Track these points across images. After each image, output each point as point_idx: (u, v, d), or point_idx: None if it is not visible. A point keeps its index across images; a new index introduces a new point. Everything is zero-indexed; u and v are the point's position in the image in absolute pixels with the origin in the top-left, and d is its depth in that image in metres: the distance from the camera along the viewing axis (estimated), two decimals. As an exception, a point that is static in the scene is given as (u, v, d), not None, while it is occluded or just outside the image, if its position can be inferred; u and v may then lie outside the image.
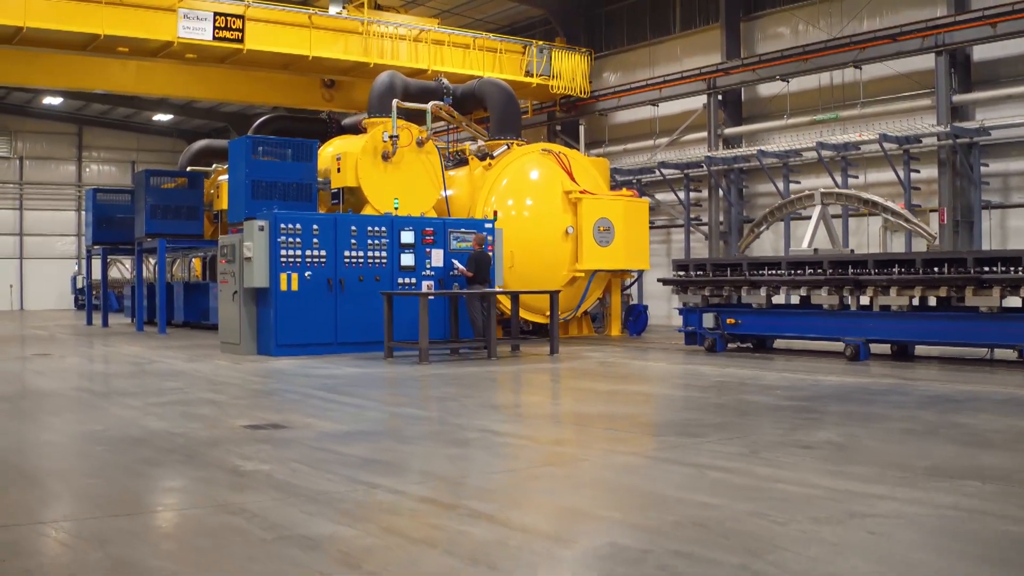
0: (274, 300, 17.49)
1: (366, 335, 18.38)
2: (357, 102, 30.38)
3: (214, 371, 15.33)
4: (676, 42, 30.85)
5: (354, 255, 18.38)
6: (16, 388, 13.35)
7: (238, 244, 18.04)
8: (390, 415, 10.50)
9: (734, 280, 18.51)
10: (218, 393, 12.45)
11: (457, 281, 19.52)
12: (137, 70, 28.37)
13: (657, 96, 29.89)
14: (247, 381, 13.86)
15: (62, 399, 12.05)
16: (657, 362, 17.07)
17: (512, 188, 22.35)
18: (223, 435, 9.05)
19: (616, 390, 12.88)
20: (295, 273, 17.69)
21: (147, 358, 17.89)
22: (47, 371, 15.67)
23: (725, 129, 28.47)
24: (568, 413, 10.72)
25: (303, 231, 17.84)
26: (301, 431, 9.25)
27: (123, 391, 12.69)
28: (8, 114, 49.78)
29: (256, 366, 15.98)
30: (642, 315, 24.57)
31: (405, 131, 21.40)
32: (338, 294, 18.13)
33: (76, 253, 51.37)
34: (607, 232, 22.95)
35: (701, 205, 29.46)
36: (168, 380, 14.04)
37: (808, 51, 26.26)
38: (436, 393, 12.56)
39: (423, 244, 19.28)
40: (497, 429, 9.47)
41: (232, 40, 24.67)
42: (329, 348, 18.04)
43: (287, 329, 17.59)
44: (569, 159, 23.23)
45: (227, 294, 18.39)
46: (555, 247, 22.45)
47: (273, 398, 11.90)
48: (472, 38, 29.34)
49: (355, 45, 26.99)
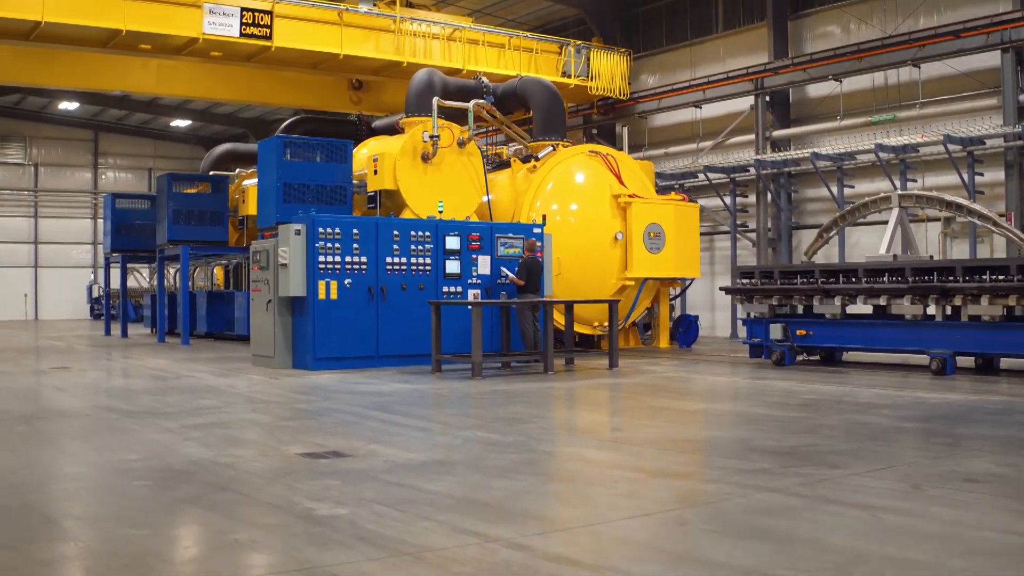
0: (312, 310, 16.20)
1: (409, 347, 17.10)
2: (386, 104, 29.18)
3: (250, 387, 14.03)
4: (719, 42, 29.53)
5: (396, 262, 17.09)
6: (34, 407, 12.07)
7: (272, 249, 16.76)
8: (463, 440, 9.18)
9: (805, 289, 17.18)
10: (260, 413, 11.15)
11: (505, 290, 18.23)
12: (158, 70, 27.15)
13: (701, 97, 28.57)
14: (289, 399, 12.55)
15: (86, 420, 10.77)
16: (727, 376, 15.73)
17: (558, 191, 21.06)
18: (279, 466, 7.76)
19: (702, 409, 11.56)
20: (334, 281, 16.40)
21: (174, 372, 16.61)
22: (67, 387, 14.40)
23: (773, 132, 27.12)
24: (664, 437, 9.39)
25: (343, 235, 16.56)
26: (368, 461, 7.96)
27: (154, 410, 11.40)
28: (23, 120, 48.67)
29: (294, 381, 14.68)
30: (692, 326, 23.23)
31: (446, 131, 20.14)
32: (380, 303, 16.83)
33: (92, 262, 50.21)
34: (657, 238, 21.64)
35: (747, 211, 28.11)
36: (201, 397, 12.75)
37: (863, 49, 24.92)
38: (503, 413, 11.25)
39: (469, 250, 17.99)
40: (595, 458, 8.17)
41: (260, 37, 23.43)
42: (370, 362, 16.75)
43: (326, 341, 16.29)
44: (617, 161, 21.95)
45: (260, 303, 17.11)
46: (603, 254, 21.15)
47: (323, 419, 10.59)
48: (507, 37, 28.08)
49: (387, 44, 25.74)
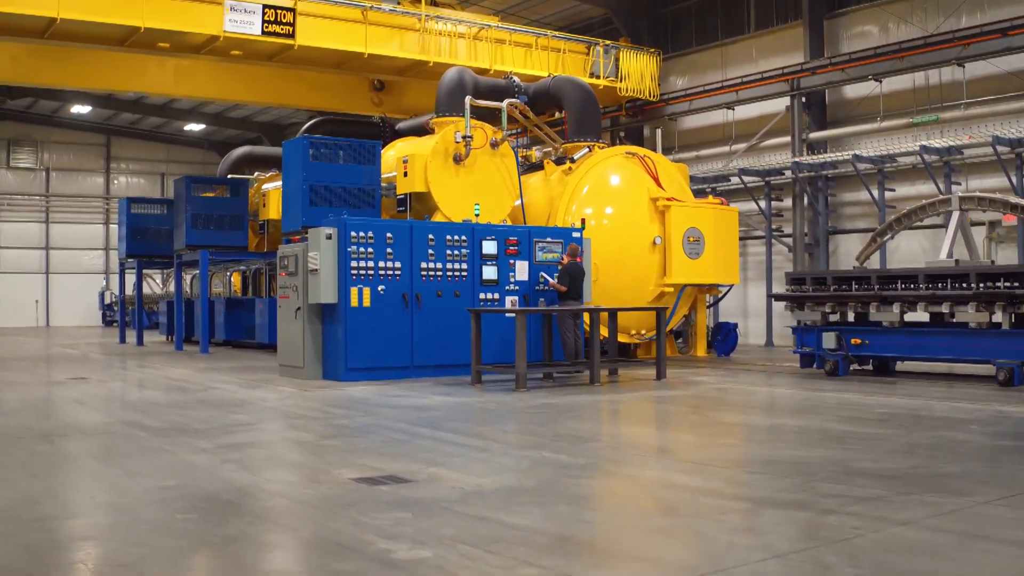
0: (343, 318, 15.36)
1: (444, 357, 16.27)
2: (407, 106, 28.35)
3: (282, 400, 13.19)
4: (751, 42, 28.69)
5: (431, 267, 16.26)
6: (54, 422, 11.23)
7: (301, 254, 15.93)
8: (529, 462, 8.33)
9: (861, 295, 16.30)
10: (299, 430, 10.31)
11: (544, 297, 17.39)
12: (176, 70, 26.36)
13: (734, 99, 27.72)
14: (327, 414, 11.70)
15: (112, 438, 9.93)
16: (784, 388, 14.84)
17: (594, 194, 20.21)
18: (335, 494, 6.92)
19: (775, 425, 10.69)
20: (367, 287, 15.57)
21: (199, 383, 15.78)
22: (87, 399, 13.57)
23: (810, 133, 26.26)
24: (750, 458, 8.53)
25: (376, 239, 15.72)
26: (434, 488, 7.12)
27: (184, 427, 10.56)
28: (34, 124, 47.95)
29: (328, 394, 13.83)
30: (731, 334, 22.36)
31: (479, 131, 19.33)
32: (414, 311, 15.99)
33: (104, 268, 49.46)
34: (697, 243, 20.77)
35: (782, 215, 27.24)
36: (232, 412, 11.91)
37: (904, 48, 24.07)
38: (562, 430, 10.39)
39: (506, 255, 17.15)
40: (685, 483, 7.32)
41: (282, 35, 22.63)
42: (404, 372, 15.90)
43: (358, 350, 15.45)
44: (655, 163, 21.09)
45: (288, 310, 16.27)
46: (641, 259, 20.29)
47: (370, 437, 9.73)
48: (535, 37, 27.27)
49: (411, 43, 24.93)
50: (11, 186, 48.05)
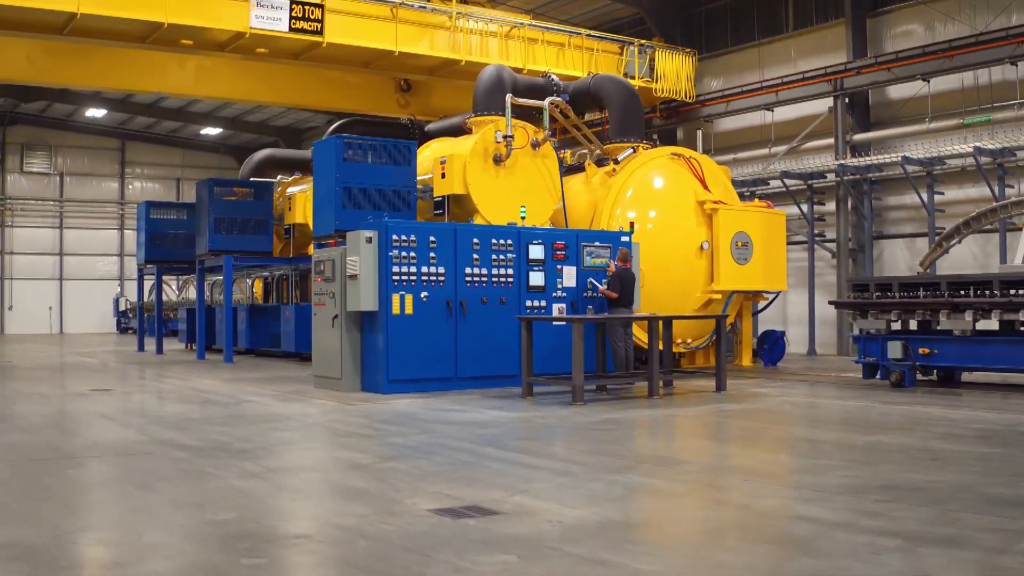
0: (385, 326, 14.45)
1: (489, 368, 15.37)
2: (434, 108, 27.49)
3: (324, 415, 12.29)
4: (789, 42, 27.79)
5: (476, 273, 15.35)
6: (82, 440, 10.35)
7: (339, 259, 15.04)
8: (624, 489, 7.42)
9: (930, 302, 15.35)
10: (353, 450, 9.40)
11: (592, 304, 16.49)
12: (197, 70, 25.53)
13: (773, 100, 26.82)
14: (378, 431, 10.79)
15: (149, 460, 9.03)
16: (855, 400, 13.87)
17: (639, 197, 19.31)
18: (419, 530, 6.03)
19: (870, 443, 9.75)
20: (409, 294, 14.66)
21: (230, 396, 14.88)
22: (114, 413, 12.69)
23: (854, 135, 25.33)
24: (866, 484, 7.58)
25: (418, 243, 14.82)
26: (528, 521, 6.24)
27: (225, 446, 9.67)
28: (48, 128, 47.25)
29: (372, 408, 12.92)
30: (779, 342, 21.42)
31: (520, 131, 18.46)
32: (459, 319, 15.08)
33: (118, 274, 48.69)
34: (745, 248, 19.85)
35: (824, 219, 26.30)
36: (274, 428, 11.02)
37: (954, 47, 23.17)
38: (642, 449, 9.49)
39: (553, 260, 16.24)
40: (810, 514, 6.44)
41: (310, 32, 21.79)
42: (447, 384, 14.99)
43: (400, 361, 14.54)
44: (701, 165, 20.18)
45: (324, 319, 15.36)
46: (688, 265, 19.38)
47: (434, 459, 8.82)
48: (567, 36, 26.43)
49: (441, 42, 24.09)
50: (25, 191, 47.32)
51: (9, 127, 46.41)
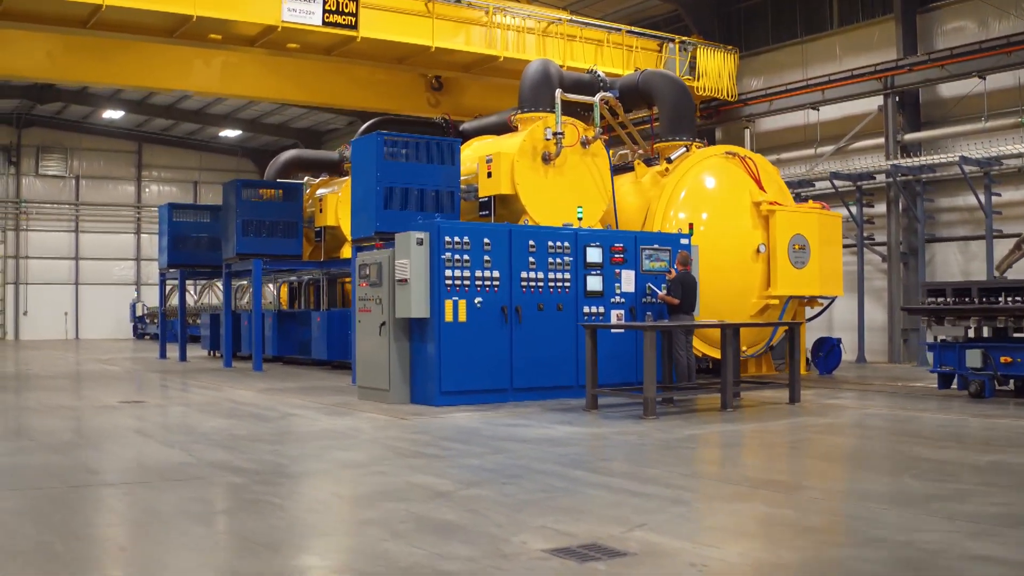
0: (437, 334, 13.51)
1: (545, 378, 14.44)
2: (466, 107, 26.60)
3: (381, 432, 11.34)
4: (834, 39, 26.77)
5: (532, 277, 14.41)
6: (123, 462, 9.41)
7: (386, 262, 14.11)
8: (756, 522, 6.49)
9: (1014, 309, 14.38)
10: (428, 473, 8.46)
11: (651, 311, 15.56)
12: (222, 68, 24.67)
13: (819, 99, 25.83)
14: (447, 450, 9.84)
15: (205, 488, 8.11)
16: (940, 414, 12.89)
17: (693, 197, 18.37)
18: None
19: (994, 463, 8.80)
20: (463, 300, 13.72)
21: (270, 408, 13.94)
22: (152, 429, 11.77)
23: (905, 135, 24.34)
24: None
25: (472, 246, 13.89)
26: (664, 564, 5.39)
27: (283, 470, 8.75)
28: (64, 130, 46.34)
29: (429, 423, 11.98)
30: (835, 349, 20.47)
31: (570, 128, 17.55)
32: (514, 326, 14.14)
33: (135, 279, 47.79)
34: (802, 251, 18.91)
35: (873, 222, 25.30)
36: (331, 448, 10.09)
37: (1013, 43, 22.14)
38: (749, 471, 8.55)
39: (611, 264, 15.29)
40: (990, 554, 5.51)
41: (344, 27, 20.87)
42: (502, 395, 14.06)
43: (454, 371, 13.60)
44: (756, 164, 19.24)
45: (370, 326, 14.41)
46: (743, 269, 18.44)
47: (523, 484, 7.87)
48: (606, 33, 25.50)
49: (477, 37, 23.16)
50: (40, 194, 46.44)
51: (24, 129, 45.51)
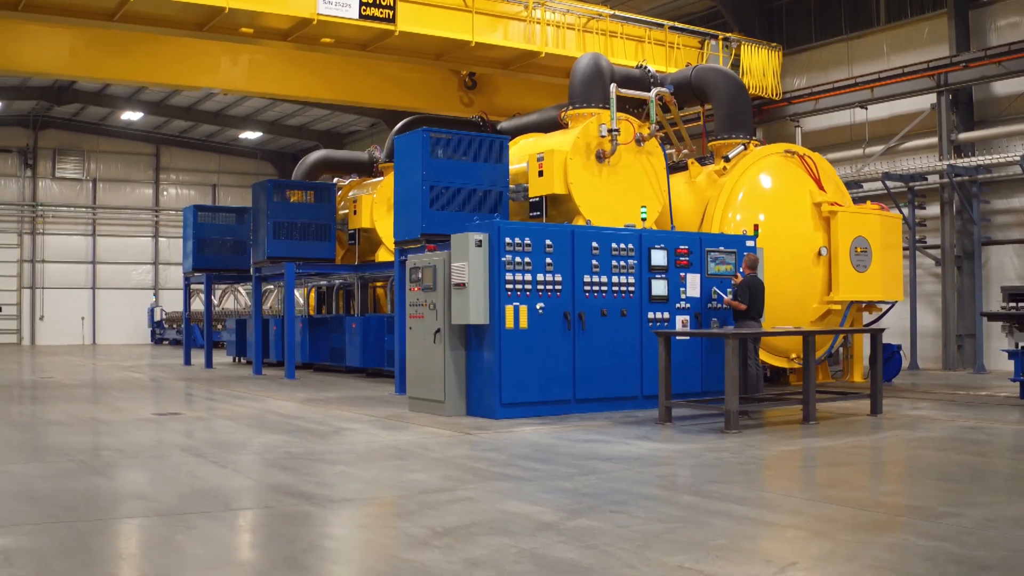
0: (497, 342, 12.64)
1: (609, 389, 13.59)
2: (499, 107, 25.75)
3: (449, 449, 10.46)
4: (881, 36, 25.86)
5: (596, 281, 13.55)
6: (174, 486, 8.53)
7: (441, 265, 13.25)
8: (920, 559, 5.60)
9: (1109, 316, 13.51)
10: (522, 500, 7.59)
11: (716, 317, 14.69)
12: (249, 65, 23.84)
13: (868, 97, 24.91)
14: (529, 471, 8.96)
15: (276, 518, 7.26)
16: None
17: (753, 197, 17.51)
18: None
19: None
20: (524, 305, 12.86)
21: (321, 422, 13.07)
22: (199, 447, 10.89)
23: (959, 134, 23.42)
24: None
25: (533, 248, 13.03)
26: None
27: (359, 496, 7.89)
28: (82, 132, 45.66)
29: (496, 438, 11.10)
30: (895, 356, 19.58)
31: (625, 124, 16.70)
32: (577, 333, 13.27)
33: (152, 283, 47.05)
34: (864, 254, 18.04)
35: (925, 224, 24.38)
36: (403, 469, 9.24)
37: (1076, 36, 21.28)
38: (877, 495, 7.66)
39: (676, 267, 14.42)
40: None
41: (381, 20, 20.04)
42: (565, 407, 13.19)
43: (515, 382, 12.74)
44: (816, 163, 18.38)
45: (422, 333, 13.54)
46: (804, 272, 17.57)
47: (633, 512, 6.99)
48: (646, 29, 24.63)
49: (516, 33, 22.31)
50: (56, 197, 45.75)
51: (41, 131, 44.83)
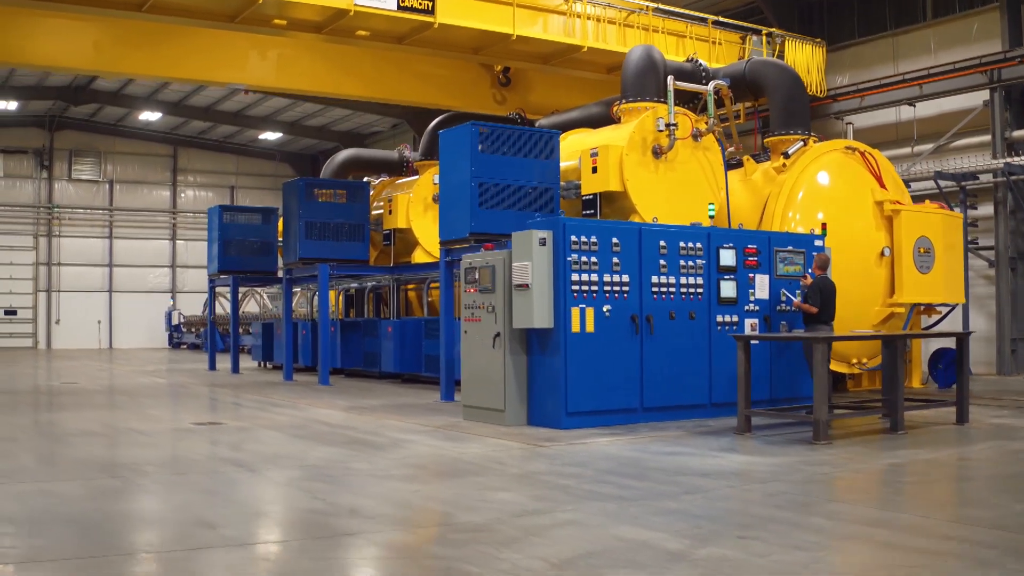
0: (563, 347, 11.88)
1: (676, 396, 12.82)
2: (533, 104, 25.06)
3: (525, 463, 9.69)
4: (928, 31, 25.05)
5: (664, 282, 12.78)
6: (242, 508, 7.81)
7: (501, 265, 12.49)
8: None
9: None
10: (629, 523, 6.85)
11: (784, 320, 13.92)
12: (278, 60, 23.13)
13: (917, 94, 24.10)
14: (624, 488, 8.20)
15: (375, 552, 6.51)
16: None
17: (814, 195, 16.73)
18: None
19: None
20: (590, 307, 12.10)
21: (375, 433, 12.29)
22: (252, 461, 10.09)
23: (1012, 132, 22.62)
24: None
25: (600, 246, 12.27)
26: None
27: (451, 521, 7.16)
28: (98, 133, 44.99)
29: (573, 451, 10.32)
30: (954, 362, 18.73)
31: (683, 118, 15.93)
32: (645, 337, 12.50)
33: (170, 287, 46.36)
34: (927, 255, 17.27)
35: (977, 224, 23.57)
36: (484, 487, 8.49)
37: None
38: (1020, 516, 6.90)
39: (745, 268, 13.65)
40: None
41: (420, 11, 19.32)
42: (631, 416, 12.43)
43: (581, 389, 11.97)
44: (877, 161, 17.60)
45: (479, 337, 12.78)
46: (866, 274, 16.78)
47: (764, 536, 6.24)
48: (687, 24, 23.89)
49: (555, 27, 21.58)
50: (72, 199, 45.08)
51: (57, 132, 44.17)
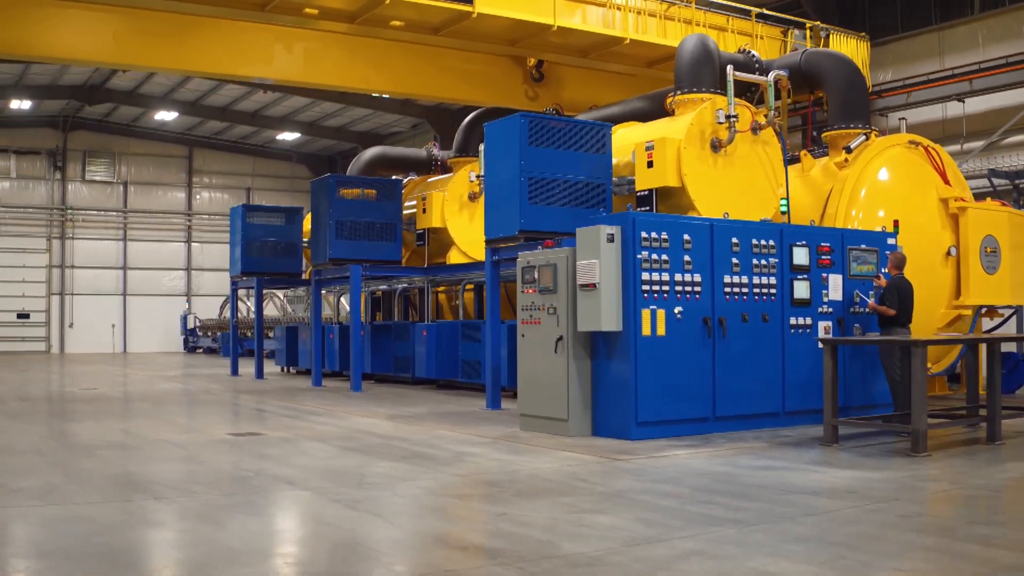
0: (633, 351, 11.04)
1: (750, 404, 11.99)
2: (566, 101, 24.13)
3: (610, 480, 8.85)
4: (976, 25, 24.24)
5: (736, 282, 11.95)
6: (315, 538, 7.01)
7: (563, 264, 11.67)
8: None
9: None
10: (762, 553, 6.04)
11: (858, 322, 13.09)
12: (305, 54, 22.25)
13: (967, 89, 23.32)
14: (732, 509, 7.37)
15: None
16: None
17: (877, 192, 15.89)
18: None
19: None
20: (661, 309, 11.27)
21: (431, 445, 11.42)
22: (308, 480, 9.28)
23: (1065, 129, 21.85)
24: None
25: (671, 244, 11.44)
26: None
27: (557, 554, 6.33)
28: (112, 134, 44.31)
29: (656, 465, 9.48)
30: (1020, 366, 17.91)
31: (743, 110, 15.11)
32: (717, 341, 11.67)
33: (185, 290, 45.63)
34: (993, 255, 16.42)
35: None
36: (575, 510, 7.64)
37: None
38: None
39: (818, 267, 12.81)
40: None
41: (460, 0, 18.51)
42: (703, 426, 11.59)
43: (653, 397, 11.13)
44: (941, 156, 16.76)
45: (539, 341, 11.95)
46: (931, 274, 15.87)
47: (923, 570, 5.40)
48: (727, 18, 23.07)
49: (594, 18, 20.78)
50: (86, 200, 44.40)
51: (70, 132, 43.49)
